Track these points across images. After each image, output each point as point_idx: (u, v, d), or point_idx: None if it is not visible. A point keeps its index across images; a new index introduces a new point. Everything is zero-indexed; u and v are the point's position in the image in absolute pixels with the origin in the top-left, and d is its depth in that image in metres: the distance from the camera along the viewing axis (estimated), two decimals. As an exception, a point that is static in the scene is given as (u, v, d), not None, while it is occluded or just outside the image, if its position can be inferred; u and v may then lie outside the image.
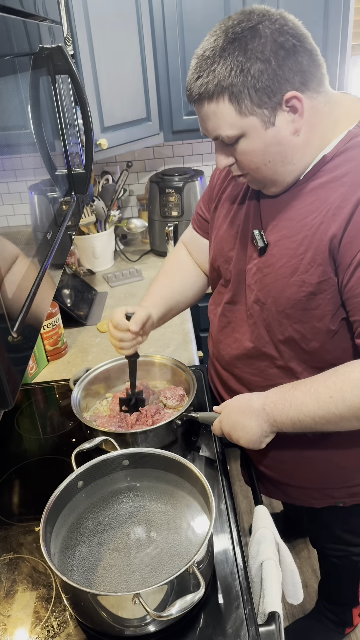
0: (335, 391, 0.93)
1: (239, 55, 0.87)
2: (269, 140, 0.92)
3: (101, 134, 1.84)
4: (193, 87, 0.93)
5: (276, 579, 0.95)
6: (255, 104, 0.89)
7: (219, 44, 0.89)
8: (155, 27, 1.93)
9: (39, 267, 0.79)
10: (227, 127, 0.92)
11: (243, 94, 0.88)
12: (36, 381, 1.58)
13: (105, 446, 1.13)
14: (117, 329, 1.19)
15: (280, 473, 1.22)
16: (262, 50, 0.86)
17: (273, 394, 1.02)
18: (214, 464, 1.18)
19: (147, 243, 2.52)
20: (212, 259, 1.22)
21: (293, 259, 0.98)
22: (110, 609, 0.81)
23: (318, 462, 1.16)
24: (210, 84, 0.90)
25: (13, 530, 1.07)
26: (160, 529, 0.99)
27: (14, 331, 0.61)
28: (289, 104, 0.90)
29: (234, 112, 0.90)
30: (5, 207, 0.69)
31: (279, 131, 0.92)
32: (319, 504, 1.24)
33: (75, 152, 1.14)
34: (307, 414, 0.96)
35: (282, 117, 0.91)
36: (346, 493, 1.20)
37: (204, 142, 2.53)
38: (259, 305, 1.07)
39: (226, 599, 0.89)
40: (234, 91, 0.88)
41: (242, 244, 1.10)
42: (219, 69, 0.88)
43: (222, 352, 1.21)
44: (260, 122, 0.90)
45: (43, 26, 0.88)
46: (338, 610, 1.65)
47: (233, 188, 1.17)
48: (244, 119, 0.90)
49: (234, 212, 1.14)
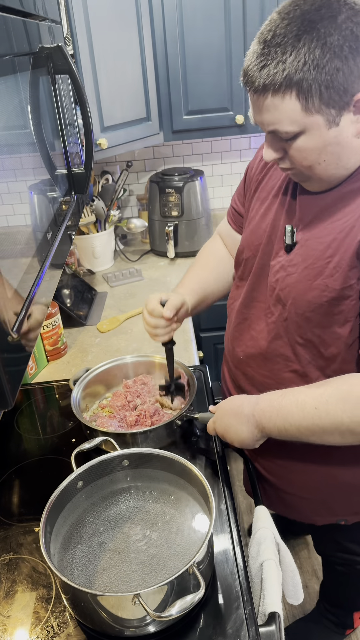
0: (321, 403, 0.92)
1: (316, 48, 0.78)
2: (330, 140, 0.86)
3: (101, 134, 1.83)
4: (256, 76, 0.83)
5: (276, 579, 0.95)
6: (324, 102, 0.82)
7: (293, 31, 0.79)
8: (155, 27, 1.93)
9: (38, 267, 0.79)
10: (288, 122, 0.85)
11: (313, 91, 0.81)
12: (36, 381, 1.58)
13: (105, 446, 1.13)
14: (151, 315, 1.17)
15: (281, 478, 1.20)
16: (341, 45, 0.78)
17: (262, 401, 1.02)
18: (214, 464, 1.18)
19: (147, 243, 2.52)
20: (239, 251, 1.18)
21: (319, 261, 0.95)
22: (110, 610, 0.81)
23: (322, 475, 1.13)
24: (279, 76, 0.81)
25: (13, 531, 1.07)
26: (160, 529, 0.99)
27: (13, 331, 0.61)
28: (357, 105, 0.83)
29: (299, 109, 0.83)
30: (5, 207, 0.69)
31: (341, 132, 0.85)
32: (320, 521, 1.22)
33: (75, 151, 1.14)
34: (292, 423, 0.95)
35: (348, 117, 0.84)
36: (349, 511, 1.18)
37: (204, 142, 2.53)
38: (280, 305, 1.03)
39: (226, 600, 0.89)
40: (303, 86, 0.80)
41: (270, 238, 1.06)
42: (290, 60, 0.79)
43: (237, 349, 1.18)
44: (325, 121, 0.84)
45: (43, 26, 0.88)
46: (340, 613, 1.64)
47: (270, 180, 1.12)
48: (308, 116, 0.83)
49: (268, 204, 1.10)
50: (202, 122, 2.10)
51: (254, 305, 1.12)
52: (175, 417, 1.20)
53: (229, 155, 2.58)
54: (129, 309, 1.96)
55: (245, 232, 1.16)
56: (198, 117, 2.09)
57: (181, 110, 2.08)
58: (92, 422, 1.24)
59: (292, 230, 1.00)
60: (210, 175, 2.61)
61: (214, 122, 2.11)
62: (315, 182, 0.95)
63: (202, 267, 1.34)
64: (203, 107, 2.08)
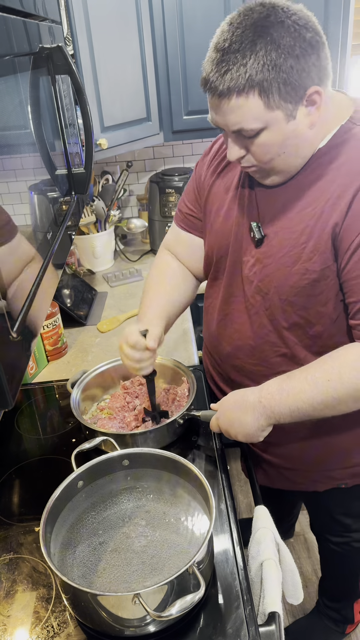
0: (333, 374, 0.96)
1: (272, 50, 0.87)
2: (289, 133, 0.94)
3: (101, 134, 1.84)
4: (218, 81, 0.91)
5: (276, 579, 0.95)
6: (283, 98, 0.90)
7: (248, 37, 0.88)
8: (155, 27, 1.93)
9: (39, 267, 0.79)
10: (252, 120, 0.93)
11: (273, 89, 0.89)
12: (36, 381, 1.58)
13: (105, 446, 1.13)
14: (134, 349, 1.15)
15: (284, 459, 1.24)
16: (292, 46, 0.87)
17: (269, 386, 1.04)
18: (214, 464, 1.18)
19: (147, 243, 2.52)
20: (208, 252, 1.22)
21: (295, 248, 1.01)
22: (110, 609, 0.81)
23: (319, 445, 1.18)
24: (242, 78, 0.89)
25: (13, 530, 1.07)
26: (160, 529, 0.99)
27: (13, 331, 0.61)
28: (309, 98, 0.92)
29: (262, 106, 0.91)
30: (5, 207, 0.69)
31: (298, 124, 0.94)
32: (322, 487, 1.26)
33: (75, 152, 1.14)
34: (305, 400, 0.98)
35: (302, 110, 0.93)
36: (348, 473, 1.22)
37: (204, 142, 2.53)
38: (261, 296, 1.09)
39: (226, 599, 0.89)
40: (264, 85, 0.89)
41: (238, 235, 1.12)
42: (250, 63, 0.88)
43: (223, 345, 1.21)
44: (284, 115, 0.92)
45: (43, 26, 0.88)
46: (339, 606, 1.65)
47: (223, 180, 1.17)
48: (270, 112, 0.91)
49: (228, 203, 1.15)
50: (202, 122, 2.10)
51: (232, 300, 1.17)
52: (177, 416, 1.20)
53: (229, 156, 2.58)
54: (129, 309, 1.96)
55: (211, 234, 1.20)
56: (198, 117, 2.09)
57: (181, 111, 2.08)
58: (93, 424, 1.23)
59: (258, 226, 1.07)
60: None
61: (214, 122, 2.11)
62: (275, 175, 1.02)
63: (158, 290, 1.30)
64: (203, 108, 2.06)
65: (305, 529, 2.11)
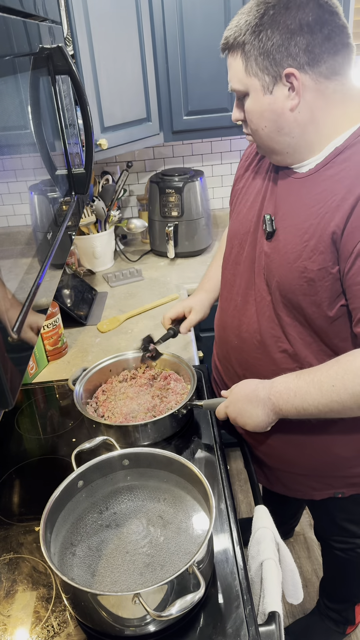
0: (337, 380, 0.97)
1: (261, 16, 0.92)
2: (265, 106, 0.98)
3: (101, 134, 1.84)
4: (224, 36, 1.00)
5: (276, 578, 0.96)
6: (259, 67, 0.95)
7: (257, 2, 0.94)
8: (155, 27, 1.93)
9: (39, 267, 0.79)
10: (236, 80, 1.00)
11: (251, 54, 0.94)
12: (36, 381, 1.58)
13: (105, 446, 1.13)
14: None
15: (280, 460, 1.25)
16: (280, 21, 0.91)
17: (278, 384, 1.05)
18: (214, 464, 1.18)
19: (147, 243, 2.52)
20: (230, 239, 1.24)
21: (298, 245, 1.02)
22: (110, 609, 0.81)
23: (317, 450, 1.18)
24: (232, 37, 0.97)
25: (13, 530, 1.07)
26: (160, 528, 0.99)
27: (14, 331, 0.61)
28: (289, 80, 0.94)
29: (242, 69, 0.97)
30: (5, 207, 0.69)
31: (275, 101, 0.97)
32: (318, 496, 1.26)
33: (75, 152, 1.14)
34: (311, 402, 0.99)
35: (281, 90, 0.96)
36: (344, 483, 1.22)
37: (204, 142, 2.53)
38: (267, 289, 1.11)
39: (226, 599, 0.89)
40: (245, 49, 0.95)
41: (256, 226, 1.14)
42: (242, 23, 0.95)
43: (231, 336, 1.23)
44: (260, 86, 0.96)
45: (43, 26, 0.88)
46: (340, 608, 1.64)
47: (257, 165, 1.20)
48: (248, 78, 0.97)
49: (254, 192, 1.17)
50: (202, 122, 2.11)
51: (245, 292, 1.18)
52: (180, 406, 1.20)
53: (229, 156, 2.58)
54: (129, 309, 1.96)
55: (236, 219, 1.22)
56: (198, 117, 2.09)
57: (181, 111, 2.08)
58: (99, 417, 1.25)
59: (271, 219, 1.08)
60: (210, 175, 2.61)
61: (214, 122, 2.11)
62: (271, 152, 1.06)
63: (219, 263, 1.43)
64: (203, 108, 2.08)
65: (305, 529, 2.11)
